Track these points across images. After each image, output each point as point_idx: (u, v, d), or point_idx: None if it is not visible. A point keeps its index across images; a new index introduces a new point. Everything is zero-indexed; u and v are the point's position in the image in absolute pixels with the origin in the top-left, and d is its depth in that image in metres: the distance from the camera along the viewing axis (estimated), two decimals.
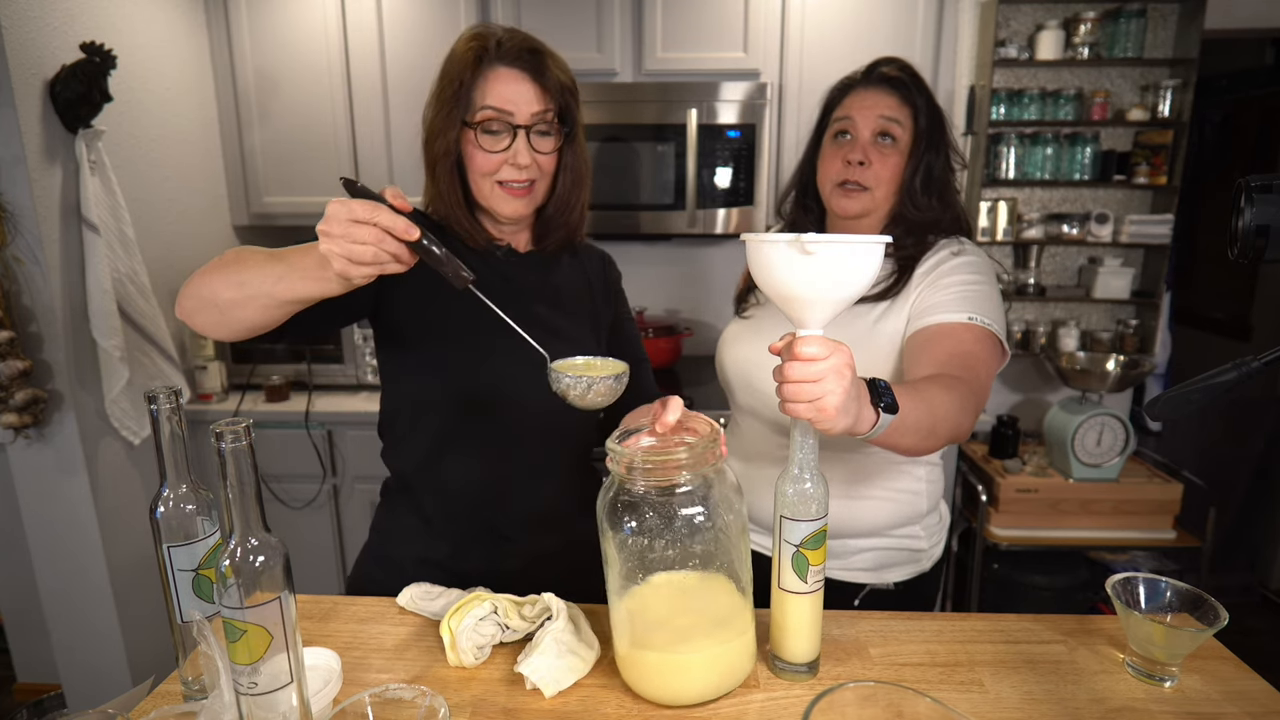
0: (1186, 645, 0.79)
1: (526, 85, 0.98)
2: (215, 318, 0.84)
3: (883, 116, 1.10)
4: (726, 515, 0.76)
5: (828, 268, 0.70)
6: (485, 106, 0.97)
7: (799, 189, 1.24)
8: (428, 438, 1.06)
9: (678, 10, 2.26)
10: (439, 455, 1.05)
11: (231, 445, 0.60)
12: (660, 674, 0.76)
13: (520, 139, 0.98)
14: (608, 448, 0.76)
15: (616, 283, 1.23)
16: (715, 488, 0.76)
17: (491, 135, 0.98)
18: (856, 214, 1.13)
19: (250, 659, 0.62)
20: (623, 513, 0.75)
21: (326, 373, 2.38)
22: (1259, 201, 0.65)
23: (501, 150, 0.99)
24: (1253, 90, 3.27)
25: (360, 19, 2.29)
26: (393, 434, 1.10)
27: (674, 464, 0.73)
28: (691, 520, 0.74)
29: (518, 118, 0.98)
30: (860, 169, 1.10)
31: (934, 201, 1.12)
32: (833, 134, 1.14)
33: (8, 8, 1.69)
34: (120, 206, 1.95)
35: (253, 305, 0.82)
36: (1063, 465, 2.27)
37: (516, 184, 1.00)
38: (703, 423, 0.80)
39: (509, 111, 0.98)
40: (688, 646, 0.75)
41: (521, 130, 0.98)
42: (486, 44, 0.98)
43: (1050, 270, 2.71)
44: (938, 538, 1.19)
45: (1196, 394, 0.73)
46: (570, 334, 1.10)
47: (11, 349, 1.75)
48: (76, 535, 1.96)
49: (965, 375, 0.93)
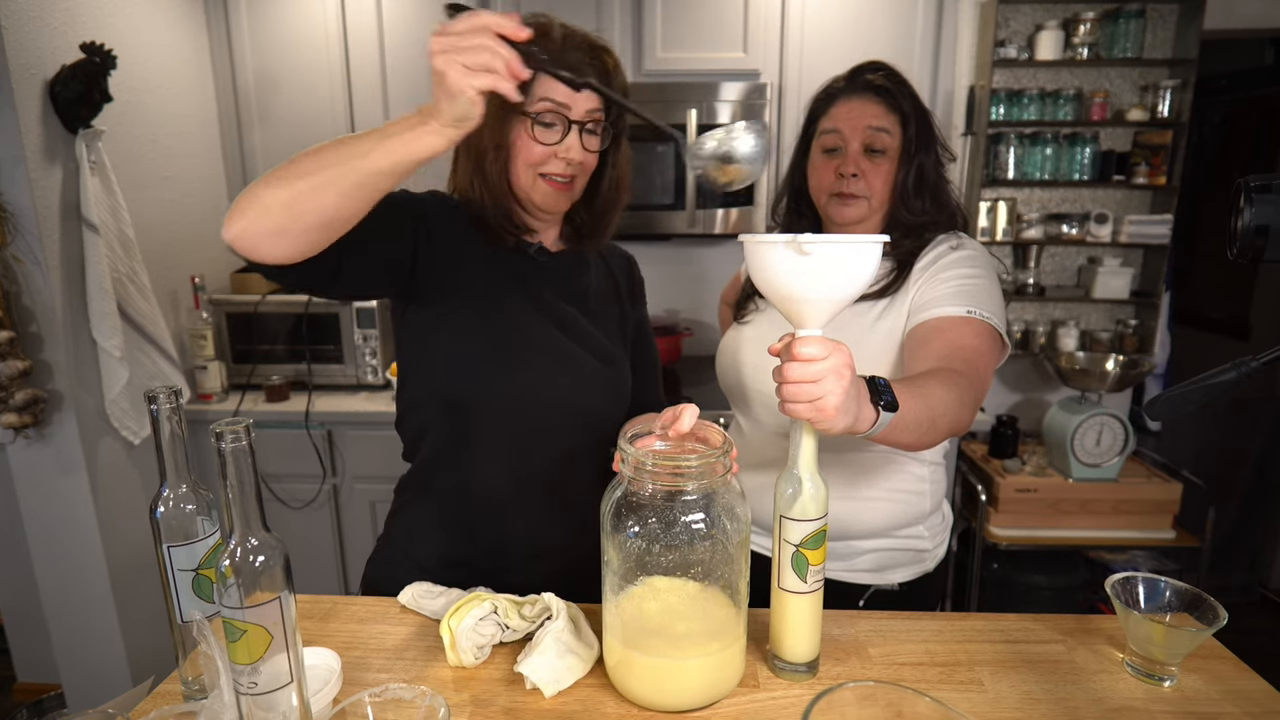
0: (1186, 645, 0.79)
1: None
2: (280, 222, 0.76)
3: (870, 127, 1.10)
4: (729, 525, 0.76)
5: (825, 268, 0.70)
6: (545, 98, 0.96)
7: (791, 196, 1.24)
8: (455, 429, 1.04)
9: (677, 10, 2.26)
10: (467, 447, 1.04)
11: (231, 445, 0.60)
12: (651, 678, 0.76)
13: (573, 134, 0.98)
14: (619, 447, 0.76)
15: (641, 285, 1.22)
16: (721, 498, 0.76)
17: (545, 127, 0.97)
18: (853, 222, 1.14)
19: (250, 659, 0.62)
20: (627, 514, 0.75)
21: (326, 373, 2.38)
22: (1258, 201, 0.65)
23: (553, 143, 0.98)
24: (1252, 90, 3.27)
25: (360, 19, 2.29)
26: (417, 426, 1.08)
27: (684, 470, 0.73)
28: (693, 528, 0.74)
29: (574, 112, 0.97)
30: (853, 180, 1.11)
31: (928, 203, 1.12)
32: (821, 146, 1.15)
33: (8, 8, 1.69)
34: (120, 206, 1.95)
35: (332, 189, 0.75)
36: (1062, 465, 2.27)
37: (560, 178, 1.00)
38: (715, 433, 0.80)
39: (566, 105, 0.97)
40: (679, 653, 0.75)
41: (575, 126, 0.98)
42: (551, 34, 0.97)
43: (1050, 270, 2.72)
44: (941, 538, 1.19)
45: (1196, 394, 0.73)
46: (597, 336, 1.09)
47: (11, 349, 1.75)
48: (76, 535, 1.96)
49: (965, 370, 0.93)
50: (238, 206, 0.76)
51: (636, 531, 0.74)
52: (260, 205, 0.76)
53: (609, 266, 1.17)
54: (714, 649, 0.76)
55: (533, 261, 1.06)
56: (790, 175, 1.23)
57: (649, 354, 1.21)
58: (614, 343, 1.11)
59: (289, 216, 0.76)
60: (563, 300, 1.07)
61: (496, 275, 1.03)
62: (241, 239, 0.77)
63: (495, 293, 1.03)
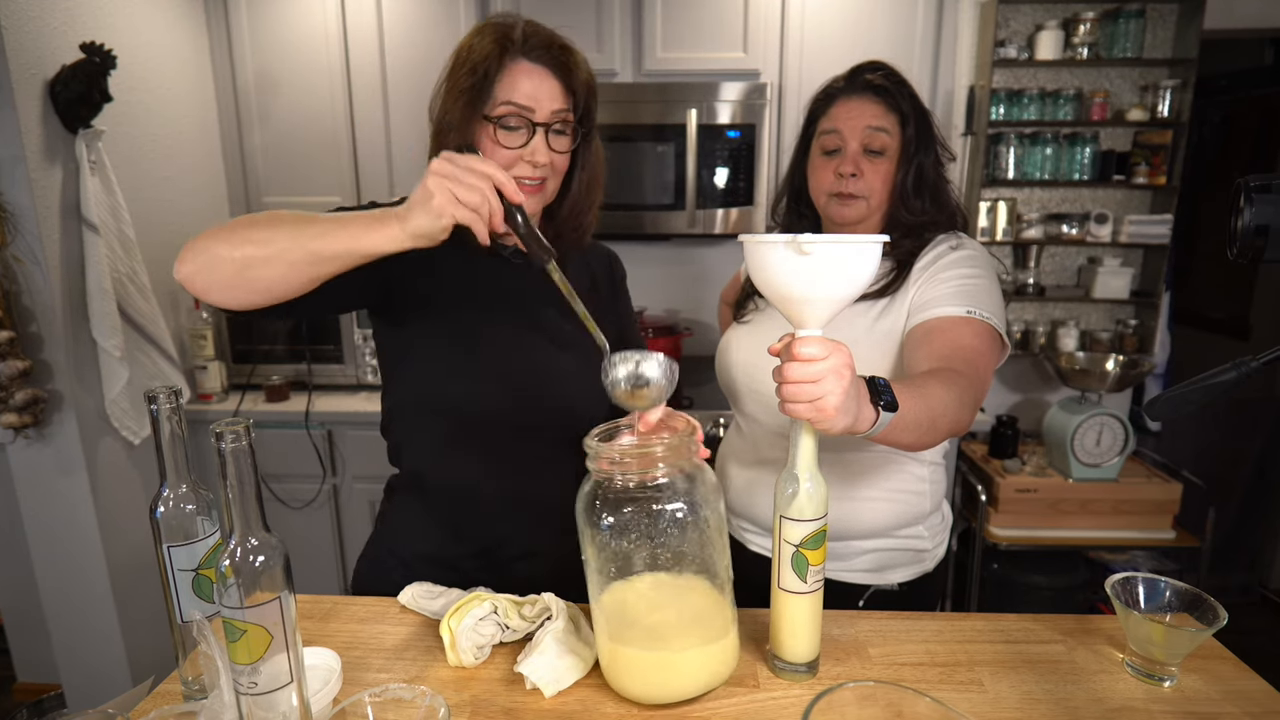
0: (1186, 645, 0.79)
1: (551, 82, 0.96)
2: (228, 277, 0.78)
3: (869, 127, 1.10)
4: (704, 511, 0.76)
5: (825, 268, 0.70)
6: (507, 102, 0.94)
7: (791, 196, 1.24)
8: (438, 434, 1.04)
9: (677, 10, 2.26)
10: (450, 451, 1.04)
11: (231, 445, 0.60)
12: (640, 672, 0.76)
13: (539, 137, 0.96)
14: (586, 445, 0.76)
15: (622, 281, 1.22)
16: (694, 484, 0.76)
17: (509, 131, 0.95)
18: (853, 221, 1.14)
19: (250, 659, 0.62)
20: (601, 510, 0.75)
21: (326, 373, 2.38)
22: (1258, 201, 0.65)
23: (518, 147, 0.96)
24: (1252, 90, 3.27)
25: (360, 19, 2.29)
26: (401, 431, 1.08)
27: (651, 458, 0.74)
28: (668, 516, 0.75)
29: (538, 115, 0.95)
30: (852, 180, 1.11)
31: (927, 203, 1.12)
32: (821, 147, 1.15)
33: (8, 8, 1.70)
34: (120, 206, 1.95)
35: (281, 263, 0.77)
36: (1062, 465, 2.27)
37: (530, 180, 0.98)
38: (680, 420, 0.81)
39: (530, 108, 0.95)
40: (665, 644, 0.76)
41: (541, 128, 0.96)
42: (511, 35, 0.95)
43: (1050, 270, 2.72)
44: (941, 537, 1.19)
45: (1196, 394, 0.74)
46: (577, 337, 1.09)
47: (11, 349, 1.75)
48: (76, 535, 1.96)
49: (965, 369, 0.93)
50: (190, 250, 0.79)
51: (610, 525, 0.75)
52: (211, 257, 0.78)
53: (589, 264, 1.16)
54: (699, 636, 0.76)
55: (508, 264, 1.06)
56: (790, 176, 1.23)
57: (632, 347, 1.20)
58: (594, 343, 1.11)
59: (238, 277, 0.78)
60: (540, 301, 1.05)
61: (471, 280, 1.03)
62: (191, 283, 0.80)
63: (470, 298, 1.03)
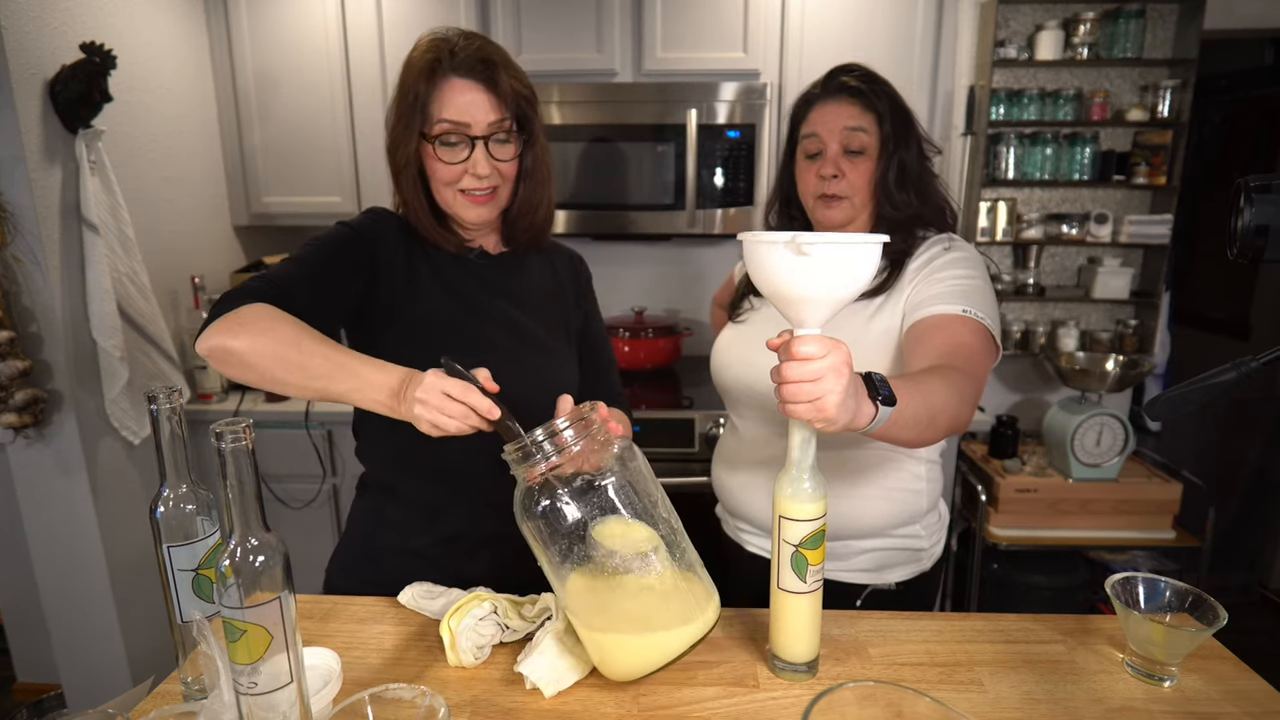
0: (1186, 645, 0.79)
1: (481, 96, 0.99)
2: (246, 375, 0.86)
3: (847, 128, 1.11)
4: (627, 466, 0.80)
5: (824, 268, 0.70)
6: (442, 120, 0.98)
7: (782, 201, 1.25)
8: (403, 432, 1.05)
9: (677, 10, 2.26)
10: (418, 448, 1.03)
11: (231, 445, 0.60)
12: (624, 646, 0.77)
13: (479, 149, 0.99)
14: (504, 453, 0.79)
15: (587, 283, 1.23)
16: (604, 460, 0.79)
17: (449, 147, 0.99)
18: (840, 223, 1.15)
19: (250, 659, 0.62)
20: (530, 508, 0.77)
21: None
22: (1258, 201, 0.65)
23: (461, 161, 1.00)
24: (1252, 90, 3.27)
25: (360, 19, 2.29)
26: (372, 429, 1.10)
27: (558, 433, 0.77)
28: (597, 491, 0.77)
29: (474, 129, 0.99)
30: (834, 182, 1.12)
31: (912, 197, 1.13)
32: (804, 152, 1.16)
33: (8, 8, 1.69)
34: (120, 206, 1.95)
35: (298, 389, 0.86)
36: (1062, 465, 2.27)
37: (479, 191, 1.02)
38: (585, 406, 0.83)
39: (465, 123, 0.98)
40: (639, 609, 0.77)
41: (479, 141, 0.99)
42: (440, 54, 0.98)
43: (1050, 270, 2.72)
44: (938, 536, 1.19)
45: (1196, 394, 0.74)
46: (541, 337, 1.11)
47: (11, 349, 1.75)
48: (76, 535, 1.96)
49: (963, 366, 0.93)
50: (218, 340, 0.85)
51: (545, 509, 0.76)
52: (227, 353, 0.85)
53: (553, 266, 1.19)
54: (654, 582, 0.77)
55: (472, 265, 1.09)
56: (779, 181, 1.25)
57: (600, 348, 1.22)
58: (555, 339, 1.13)
59: (259, 379, 0.87)
60: (502, 300, 1.09)
61: (434, 283, 1.07)
62: (210, 358, 0.87)
63: (432, 301, 1.06)
